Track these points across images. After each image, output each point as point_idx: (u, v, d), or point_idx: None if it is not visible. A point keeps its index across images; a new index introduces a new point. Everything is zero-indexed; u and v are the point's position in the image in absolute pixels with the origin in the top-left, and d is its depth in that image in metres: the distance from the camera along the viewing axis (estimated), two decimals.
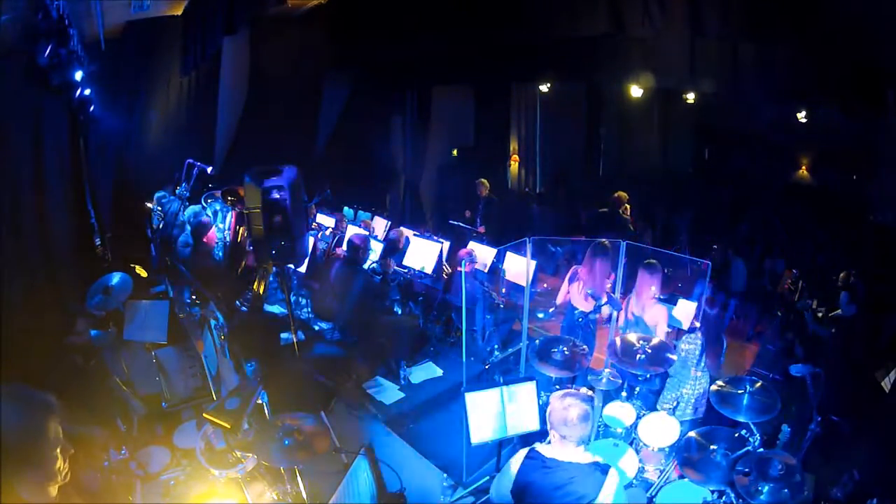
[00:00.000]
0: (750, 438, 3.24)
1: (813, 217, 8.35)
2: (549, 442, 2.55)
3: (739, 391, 3.36)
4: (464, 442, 3.57)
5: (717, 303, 4.37)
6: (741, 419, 3.27)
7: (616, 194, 7.21)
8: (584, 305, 4.69)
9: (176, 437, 3.69)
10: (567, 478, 2.41)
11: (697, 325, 4.29)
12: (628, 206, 7.50)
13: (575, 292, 4.74)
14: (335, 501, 2.60)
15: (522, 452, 2.57)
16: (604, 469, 2.41)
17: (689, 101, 9.63)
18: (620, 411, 4.02)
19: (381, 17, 7.24)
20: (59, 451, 1.73)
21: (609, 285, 4.62)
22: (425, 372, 5.42)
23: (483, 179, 8.60)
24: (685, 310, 4.90)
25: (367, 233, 6.33)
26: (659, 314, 4.34)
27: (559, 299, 4.91)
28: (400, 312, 5.98)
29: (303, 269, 5.91)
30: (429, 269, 5.86)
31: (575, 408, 2.44)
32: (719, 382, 3.52)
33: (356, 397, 5.04)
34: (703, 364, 4.21)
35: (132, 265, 5.44)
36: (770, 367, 5.29)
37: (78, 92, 4.96)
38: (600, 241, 4.60)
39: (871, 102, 5.35)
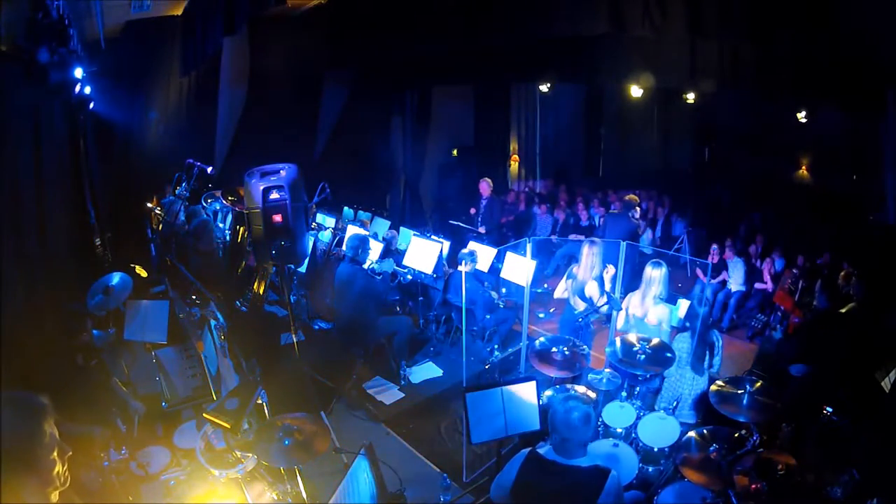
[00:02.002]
0: (750, 438, 3.24)
1: (813, 217, 8.34)
2: (551, 443, 2.56)
3: (739, 391, 3.36)
4: (464, 442, 3.57)
5: (705, 301, 4.37)
6: (741, 419, 3.27)
7: (627, 197, 7.18)
8: (578, 305, 4.72)
9: (176, 437, 3.69)
10: (567, 480, 2.41)
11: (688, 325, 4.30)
12: (638, 210, 7.48)
13: (570, 290, 4.78)
14: (335, 501, 2.60)
15: (522, 453, 2.57)
16: (604, 472, 2.41)
17: (689, 101, 9.64)
18: (620, 411, 4.02)
19: (380, 17, 7.24)
20: (56, 454, 1.71)
21: (605, 282, 4.64)
22: (425, 372, 5.42)
23: (487, 178, 8.59)
24: (685, 309, 4.91)
25: (366, 232, 6.33)
26: (662, 313, 4.35)
27: (556, 293, 4.94)
28: (400, 312, 5.99)
29: (303, 269, 5.92)
30: (429, 270, 5.86)
31: (577, 410, 2.44)
32: (719, 382, 3.53)
33: (356, 397, 5.04)
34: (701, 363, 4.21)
35: (132, 265, 5.44)
36: (770, 367, 5.29)
37: (78, 91, 4.96)
38: (591, 238, 4.69)
39: (871, 102, 5.35)
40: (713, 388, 3.50)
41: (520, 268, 5.54)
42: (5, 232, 3.38)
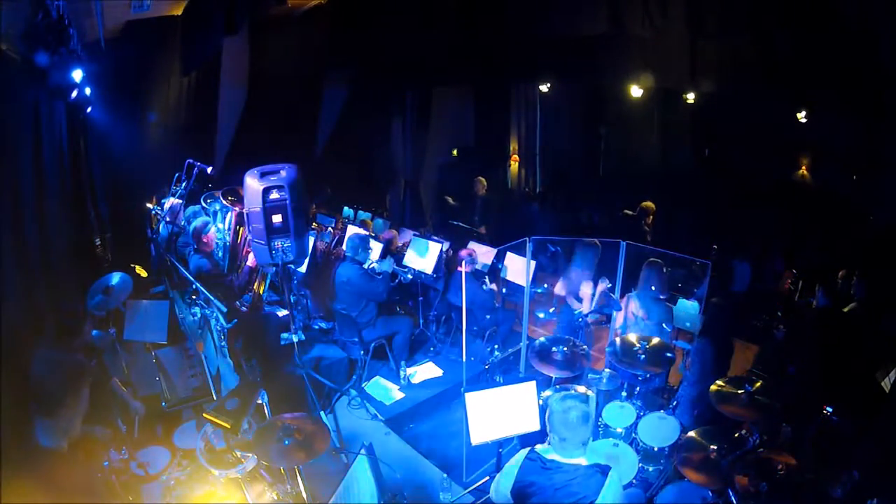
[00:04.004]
0: (750, 438, 3.25)
1: (813, 217, 8.33)
2: (549, 443, 2.55)
3: (739, 391, 3.36)
4: (464, 442, 3.57)
5: (725, 305, 4.36)
6: (741, 419, 3.27)
7: (644, 204, 7.16)
8: (575, 305, 4.74)
9: (176, 437, 3.69)
10: (567, 479, 2.41)
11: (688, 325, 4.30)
12: (652, 217, 7.45)
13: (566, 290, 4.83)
14: (335, 501, 2.60)
15: (522, 453, 2.57)
16: (604, 470, 2.40)
17: (689, 101, 9.63)
18: (620, 411, 4.02)
19: (380, 17, 7.24)
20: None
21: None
22: (425, 372, 5.42)
23: (481, 178, 8.59)
24: (685, 310, 4.91)
25: (366, 232, 6.32)
26: (662, 313, 4.35)
27: (556, 290, 5.00)
28: (400, 312, 5.98)
29: (303, 269, 5.91)
30: (429, 269, 5.85)
31: (575, 409, 2.43)
32: (719, 382, 3.53)
33: (356, 397, 5.04)
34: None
35: (132, 265, 5.44)
36: (770, 367, 5.28)
37: (77, 92, 4.96)
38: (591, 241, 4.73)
39: (871, 102, 5.35)
40: (713, 388, 3.50)
41: (520, 268, 5.54)
42: (5, 232, 3.37)
